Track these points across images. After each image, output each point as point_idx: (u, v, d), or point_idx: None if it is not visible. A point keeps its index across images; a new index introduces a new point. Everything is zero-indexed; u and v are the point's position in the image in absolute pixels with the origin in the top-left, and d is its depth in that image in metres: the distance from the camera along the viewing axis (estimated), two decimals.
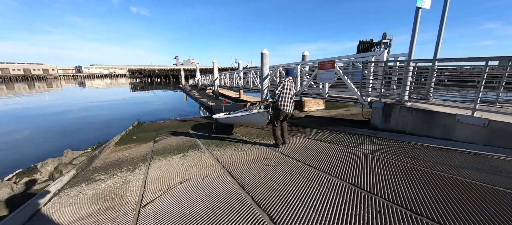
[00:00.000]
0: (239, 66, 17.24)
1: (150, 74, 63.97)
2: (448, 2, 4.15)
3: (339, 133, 5.07)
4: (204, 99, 16.84)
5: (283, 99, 3.85)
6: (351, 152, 3.75)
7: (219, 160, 3.87)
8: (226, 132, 6.44)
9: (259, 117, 4.47)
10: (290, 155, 3.81)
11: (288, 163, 3.50)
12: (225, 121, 6.29)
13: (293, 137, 5.03)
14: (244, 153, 4.15)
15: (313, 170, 3.17)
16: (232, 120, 5.94)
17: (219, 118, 6.44)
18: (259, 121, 4.60)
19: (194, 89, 26.88)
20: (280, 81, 3.87)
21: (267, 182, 2.90)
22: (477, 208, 2.09)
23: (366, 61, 5.12)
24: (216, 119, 6.58)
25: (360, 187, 2.63)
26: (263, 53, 8.75)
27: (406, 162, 3.22)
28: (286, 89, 3.85)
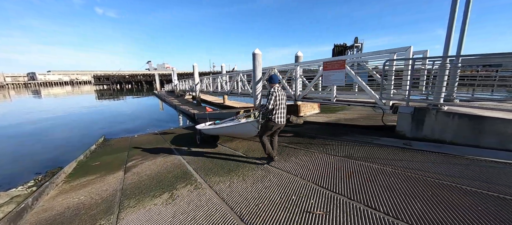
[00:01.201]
0: (222, 70, 15.94)
1: (120, 80, 58.55)
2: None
3: (362, 144, 4.21)
4: (184, 106, 15.14)
5: (276, 111, 3.42)
6: (401, 176, 2.85)
7: (230, 203, 2.62)
8: (211, 143, 5.73)
9: (248, 127, 4.04)
10: (330, 187, 2.76)
11: (333, 201, 2.44)
12: (211, 131, 5.61)
13: (310, 151, 4.02)
14: (260, 183, 2.99)
15: (377, 214, 2.16)
16: (219, 130, 5.29)
17: (204, 129, 5.73)
18: (248, 132, 4.18)
19: (171, 95, 24.66)
20: (270, 93, 3.39)
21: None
22: None
23: (389, 59, 4.38)
24: (200, 130, 5.83)
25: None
26: (255, 53, 7.70)
27: (479, 187, 2.41)
28: (278, 100, 3.39)
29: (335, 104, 5.80)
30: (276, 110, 3.41)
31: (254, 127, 3.88)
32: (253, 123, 3.87)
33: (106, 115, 15.00)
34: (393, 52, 4.45)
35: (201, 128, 5.92)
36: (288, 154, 4.10)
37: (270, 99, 3.33)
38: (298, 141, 4.94)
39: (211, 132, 5.70)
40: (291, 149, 4.40)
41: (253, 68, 7.88)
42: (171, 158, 4.79)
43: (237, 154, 4.62)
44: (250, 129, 4.01)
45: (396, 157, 3.49)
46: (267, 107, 3.34)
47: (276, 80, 3.56)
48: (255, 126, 3.84)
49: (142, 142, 6.97)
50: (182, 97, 22.24)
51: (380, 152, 3.77)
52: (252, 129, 3.95)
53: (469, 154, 3.29)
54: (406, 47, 4.25)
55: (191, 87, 18.85)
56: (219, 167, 3.82)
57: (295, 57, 9.19)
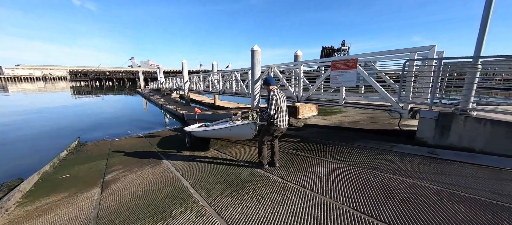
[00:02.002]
0: (213, 68, 15.10)
1: (99, 76, 54.92)
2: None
3: (381, 153, 3.77)
4: (171, 106, 14.10)
5: (278, 115, 3.21)
6: (434, 192, 2.40)
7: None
8: (202, 147, 5.26)
9: (245, 130, 3.81)
10: (367, 211, 2.22)
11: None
12: (202, 134, 5.21)
13: (325, 161, 3.48)
14: (281, 207, 2.37)
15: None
16: (211, 133, 4.98)
17: (194, 131, 5.32)
18: (245, 134, 3.95)
19: (156, 94, 23.23)
20: (270, 97, 3.16)
21: None
22: None
23: (411, 59, 3.98)
24: (190, 133, 5.40)
25: None
26: (254, 50, 7.08)
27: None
28: (279, 103, 3.18)
29: (332, 106, 5.36)
30: (278, 113, 3.19)
31: (251, 130, 3.63)
32: (250, 125, 3.61)
33: (82, 114, 13.51)
34: (413, 51, 4.06)
35: (191, 130, 5.42)
36: (301, 164, 3.53)
37: (271, 103, 3.10)
38: (307, 147, 4.41)
39: (203, 135, 5.23)
40: (303, 158, 3.84)
41: (251, 66, 7.25)
42: (160, 168, 4.02)
43: (235, 160, 4.00)
44: (247, 132, 3.76)
45: (424, 168, 3.07)
46: (269, 113, 3.11)
47: (272, 82, 3.32)
48: (252, 129, 3.60)
49: (125, 147, 6.05)
50: (169, 96, 20.98)
51: (404, 162, 3.34)
52: (249, 131, 3.71)
53: (509, 166, 2.95)
54: (429, 46, 3.87)
55: (179, 86, 17.76)
56: (222, 181, 3.15)
57: (294, 56, 8.70)
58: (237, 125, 4.09)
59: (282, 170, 3.38)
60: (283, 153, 4.16)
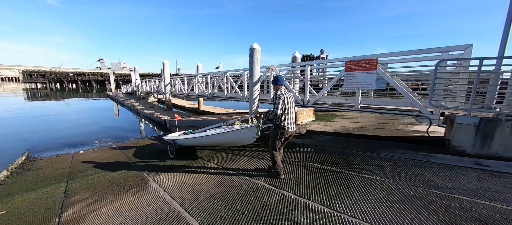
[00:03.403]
0: (197, 70, 13.91)
1: (61, 78, 48.90)
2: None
3: (425, 166, 3.23)
4: (149, 111, 12.52)
5: (285, 117, 2.93)
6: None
7: None
8: (188, 156, 4.50)
9: (245, 134, 3.30)
10: None
11: None
12: (190, 142, 4.49)
13: (364, 177, 2.79)
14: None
15: None
16: (203, 140, 4.26)
17: (180, 139, 4.56)
18: (244, 139, 3.48)
19: (131, 97, 20.97)
20: (276, 96, 2.87)
21: None
22: None
23: (444, 59, 3.58)
24: (175, 141, 4.57)
25: None
26: (253, 48, 6.31)
27: None
28: (287, 104, 2.89)
29: (326, 110, 4.84)
30: (285, 115, 2.90)
31: (252, 134, 3.12)
32: (252, 128, 3.11)
33: (37, 121, 11.19)
34: (445, 51, 3.67)
35: (175, 138, 4.63)
36: (342, 184, 2.79)
37: (278, 103, 2.81)
38: (331, 159, 3.72)
39: (191, 143, 4.53)
40: (336, 174, 3.12)
41: (250, 66, 6.44)
42: (147, 195, 2.92)
43: (236, 172, 3.11)
44: (247, 136, 3.28)
45: (490, 186, 2.56)
46: (276, 113, 2.80)
47: (282, 81, 3.03)
48: (254, 132, 3.09)
49: (93, 162, 4.69)
50: (145, 100, 19.03)
51: (460, 176, 2.82)
52: (249, 136, 3.22)
53: None
54: (465, 45, 3.51)
55: (158, 89, 16.11)
56: (247, 216, 2.24)
57: (292, 58, 8.15)
58: (236, 129, 3.51)
59: (321, 194, 2.60)
60: (306, 168, 3.40)
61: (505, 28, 3.27)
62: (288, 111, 2.89)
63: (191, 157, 4.45)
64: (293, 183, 2.93)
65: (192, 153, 4.72)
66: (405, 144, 4.59)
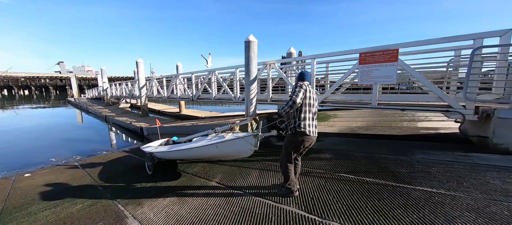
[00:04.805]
0: (177, 70, 12.54)
1: (9, 84, 42.15)
2: None
3: (479, 169, 2.72)
4: (121, 117, 10.83)
5: (306, 115, 2.16)
6: None
7: None
8: (167, 171, 3.62)
9: (240, 145, 2.53)
10: None
11: None
12: (173, 155, 3.53)
13: (426, 191, 2.15)
14: None
15: None
16: (187, 153, 3.26)
17: (160, 151, 3.53)
18: (239, 152, 2.69)
19: (98, 103, 18.46)
20: (297, 85, 2.19)
21: None
22: None
23: (481, 46, 3.17)
24: (153, 154, 3.61)
25: None
26: (250, 41, 5.47)
27: None
28: (308, 99, 2.18)
29: (325, 109, 4.29)
30: (306, 114, 2.17)
31: (249, 145, 2.44)
32: (248, 138, 2.43)
33: None
34: (479, 38, 3.28)
35: (154, 150, 3.62)
36: (407, 203, 2.10)
37: (298, 91, 2.14)
38: (364, 167, 3.05)
39: (174, 156, 3.59)
40: (388, 187, 2.42)
41: (246, 62, 5.59)
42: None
43: (245, 193, 2.26)
44: (242, 149, 2.54)
45: None
46: (294, 101, 2.09)
47: (309, 78, 2.37)
48: (251, 144, 2.42)
49: (41, 189, 3.36)
50: (116, 105, 16.85)
51: (508, 181, 2.34)
52: (245, 148, 2.50)
53: None
54: (503, 30, 3.14)
55: (131, 93, 14.28)
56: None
57: (287, 54, 7.50)
58: (227, 139, 2.63)
59: (371, 218, 1.86)
60: (333, 180, 2.66)
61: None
62: (309, 108, 2.18)
63: (182, 174, 3.44)
64: (327, 203, 2.16)
65: (182, 167, 3.70)
66: (427, 142, 4.15)
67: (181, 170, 3.62)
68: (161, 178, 3.34)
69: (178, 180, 3.22)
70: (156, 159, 3.64)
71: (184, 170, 3.63)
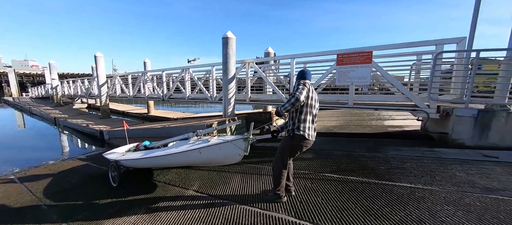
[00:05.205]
0: (145, 67, 11.49)
1: None
2: None
3: (445, 163, 2.96)
4: (75, 120, 9.42)
5: (306, 117, 2.00)
6: None
7: None
8: (146, 183, 3.11)
9: (228, 151, 2.27)
10: None
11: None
12: (146, 163, 3.05)
13: (405, 187, 2.23)
14: None
15: None
16: (162, 160, 2.82)
17: (128, 159, 3.02)
18: (226, 158, 2.42)
19: (45, 103, 15.86)
20: (301, 83, 2.01)
21: None
22: None
23: (442, 51, 3.50)
24: (119, 162, 3.07)
25: None
26: (227, 37, 5.21)
27: None
28: (310, 99, 2.01)
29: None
30: (307, 116, 2.00)
31: (239, 150, 2.19)
32: (237, 142, 2.18)
33: None
34: (440, 43, 3.62)
35: (121, 158, 3.07)
36: (392, 200, 2.11)
37: (302, 88, 1.94)
38: (346, 166, 3.08)
39: (147, 164, 3.12)
40: (371, 185, 2.44)
41: (223, 59, 5.31)
42: None
43: (230, 201, 2.09)
44: (231, 154, 2.28)
45: (495, 178, 2.41)
46: (297, 98, 1.88)
47: (309, 76, 2.15)
48: (241, 148, 2.17)
49: None
50: (69, 106, 14.70)
51: (481, 173, 2.61)
52: (233, 153, 2.25)
53: None
54: (459, 38, 3.52)
55: (88, 91, 12.59)
56: None
57: (264, 53, 7.43)
58: (212, 144, 2.34)
59: (361, 217, 1.83)
60: (318, 181, 2.62)
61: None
62: (310, 110, 2.01)
63: (153, 183, 3.02)
64: (317, 207, 2.08)
65: (153, 175, 3.27)
66: (396, 140, 4.46)
67: (151, 178, 3.18)
68: (127, 189, 2.87)
69: (148, 190, 2.80)
70: (123, 167, 3.12)
71: (155, 178, 3.20)
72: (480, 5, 3.99)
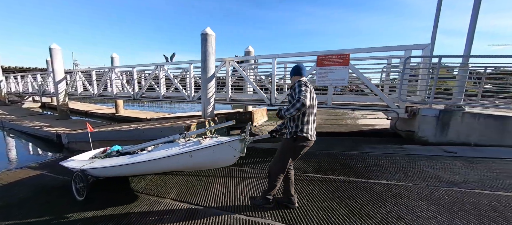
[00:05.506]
0: (112, 62, 10.46)
1: None
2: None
3: (413, 160, 3.22)
4: (25, 121, 8.15)
5: (309, 119, 1.94)
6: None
7: None
8: (115, 193, 2.76)
9: (223, 153, 2.14)
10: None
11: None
12: (125, 170, 2.66)
13: (386, 185, 2.36)
14: None
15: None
16: (143, 167, 2.49)
17: (101, 167, 2.64)
18: (221, 161, 2.25)
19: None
20: (301, 84, 1.88)
21: None
22: None
23: (411, 56, 3.79)
24: (87, 172, 2.67)
25: None
26: (206, 34, 4.97)
27: None
28: (313, 99, 1.95)
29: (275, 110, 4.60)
30: (310, 118, 1.93)
31: (234, 152, 2.07)
32: (233, 143, 2.05)
33: None
34: (409, 49, 3.93)
35: (89, 166, 2.65)
36: (373, 198, 2.19)
37: (305, 90, 1.81)
38: (328, 165, 3.15)
39: (125, 172, 2.72)
40: (352, 184, 2.52)
41: (202, 57, 5.06)
42: None
43: (213, 209, 2.00)
44: (225, 156, 2.15)
45: (475, 174, 2.72)
46: (303, 103, 1.74)
47: (305, 72, 2.08)
48: (237, 150, 2.06)
49: None
50: (17, 105, 12.71)
51: (444, 168, 2.90)
52: (228, 155, 2.12)
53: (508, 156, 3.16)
54: (424, 45, 3.85)
55: (41, 88, 11.02)
56: None
57: (245, 52, 7.32)
58: (205, 146, 2.18)
59: (349, 216, 1.87)
60: (304, 182, 2.63)
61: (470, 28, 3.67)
62: (312, 110, 1.94)
63: (125, 193, 2.70)
64: (303, 209, 2.08)
65: (124, 183, 2.94)
66: (370, 138, 4.76)
67: (122, 188, 2.85)
68: (94, 202, 2.51)
69: (119, 202, 2.49)
70: (91, 177, 2.72)
71: (126, 186, 2.87)
72: (439, 18, 4.44)
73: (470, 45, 3.56)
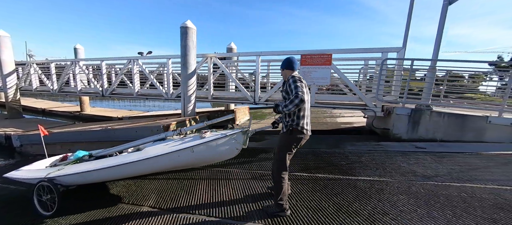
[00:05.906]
0: (76, 54, 9.36)
1: None
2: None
3: (390, 156, 3.42)
4: None
5: (305, 113, 1.93)
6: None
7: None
8: (85, 202, 2.45)
9: (227, 145, 2.13)
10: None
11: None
12: (109, 174, 2.32)
13: (375, 181, 2.46)
14: None
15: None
16: (141, 166, 2.22)
17: (80, 172, 2.25)
18: (223, 154, 2.24)
19: None
20: (296, 79, 1.85)
21: None
22: None
23: (388, 58, 4.02)
24: (56, 181, 2.25)
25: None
26: (187, 27, 4.68)
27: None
28: (307, 93, 1.90)
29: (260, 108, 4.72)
30: (305, 112, 1.92)
31: (237, 144, 2.10)
32: (237, 135, 2.08)
33: None
34: (385, 51, 4.17)
35: (60, 174, 2.27)
36: (359, 195, 2.23)
37: (301, 86, 1.77)
38: (314, 164, 3.18)
39: (112, 175, 2.37)
40: (339, 181, 2.56)
41: (182, 52, 4.77)
42: None
43: (174, 215, 1.91)
44: (229, 149, 2.14)
45: (445, 168, 2.97)
46: (301, 99, 1.71)
47: (297, 65, 2.05)
48: (239, 142, 2.09)
49: None
50: None
51: (417, 163, 3.13)
52: (231, 148, 2.12)
53: (472, 150, 3.53)
54: (398, 48, 4.11)
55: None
56: None
57: (227, 49, 7.12)
58: (209, 140, 2.10)
59: (347, 216, 1.89)
60: (301, 182, 2.62)
61: (437, 37, 3.99)
62: (307, 105, 1.91)
63: (94, 203, 2.38)
64: (293, 210, 2.05)
65: (92, 190, 2.60)
66: (349, 135, 4.96)
67: (89, 196, 2.52)
68: (52, 215, 2.16)
69: (86, 212, 2.18)
70: (62, 187, 2.31)
71: (95, 195, 2.55)
72: (410, 25, 4.79)
73: (437, 51, 3.89)
